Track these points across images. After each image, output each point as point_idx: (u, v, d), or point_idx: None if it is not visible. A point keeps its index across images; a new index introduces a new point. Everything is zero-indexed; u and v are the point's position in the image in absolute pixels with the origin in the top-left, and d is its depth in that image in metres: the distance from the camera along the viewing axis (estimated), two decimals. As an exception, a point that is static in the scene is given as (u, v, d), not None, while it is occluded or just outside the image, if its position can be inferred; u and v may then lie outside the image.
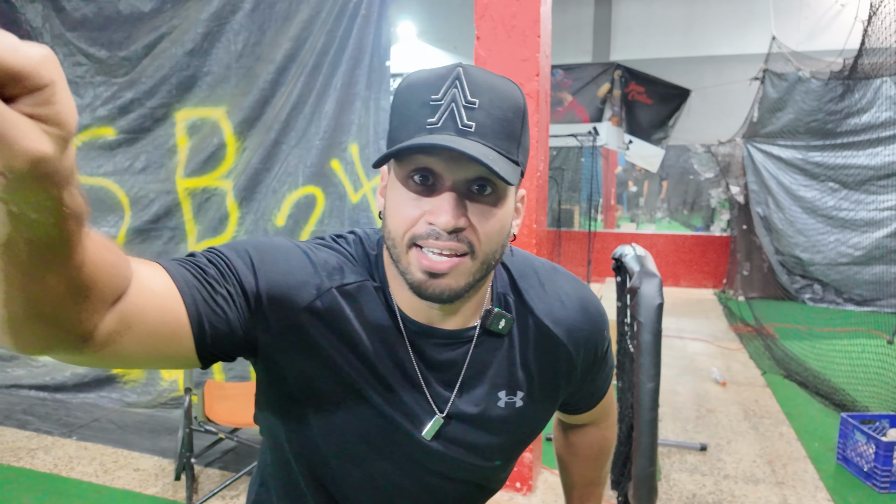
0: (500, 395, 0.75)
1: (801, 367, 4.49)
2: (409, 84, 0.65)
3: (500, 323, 0.74)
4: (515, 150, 0.64)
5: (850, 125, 6.29)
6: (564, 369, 0.79)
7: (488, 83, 0.62)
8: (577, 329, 0.79)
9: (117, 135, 3.44)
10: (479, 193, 0.63)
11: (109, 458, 3.02)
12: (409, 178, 0.64)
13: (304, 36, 2.97)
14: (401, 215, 0.64)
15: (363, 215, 3.01)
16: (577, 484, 1.04)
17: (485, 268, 0.66)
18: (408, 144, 0.60)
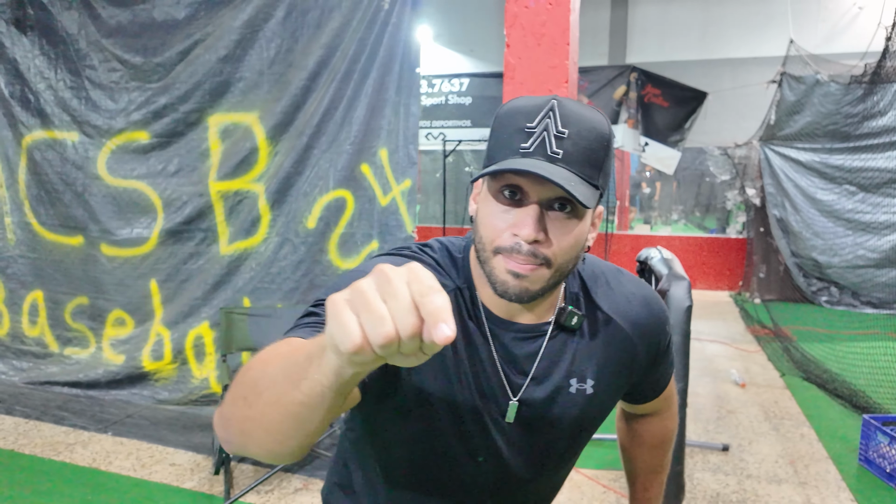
0: (572, 382, 0.83)
1: (820, 370, 4.51)
2: (509, 110, 0.74)
3: (573, 320, 0.82)
4: (597, 175, 0.72)
5: (869, 128, 6.29)
6: (630, 360, 0.87)
7: (578, 115, 0.71)
8: (641, 323, 0.86)
9: (151, 139, 3.54)
10: (559, 210, 0.72)
11: (145, 453, 3.12)
12: (500, 192, 0.72)
13: (336, 43, 3.05)
14: (490, 225, 0.73)
15: (392, 218, 3.08)
16: (640, 472, 1.10)
17: (558, 275, 0.74)
18: (501, 168, 0.68)
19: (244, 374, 0.60)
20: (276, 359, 0.57)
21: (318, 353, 0.48)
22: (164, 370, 3.65)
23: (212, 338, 3.52)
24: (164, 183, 3.52)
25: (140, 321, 3.71)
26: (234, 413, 0.58)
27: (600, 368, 0.85)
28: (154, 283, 3.64)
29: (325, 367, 0.47)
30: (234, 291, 3.41)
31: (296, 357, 0.52)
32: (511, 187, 0.71)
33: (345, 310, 0.42)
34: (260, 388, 0.55)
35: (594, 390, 0.84)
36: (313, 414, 0.51)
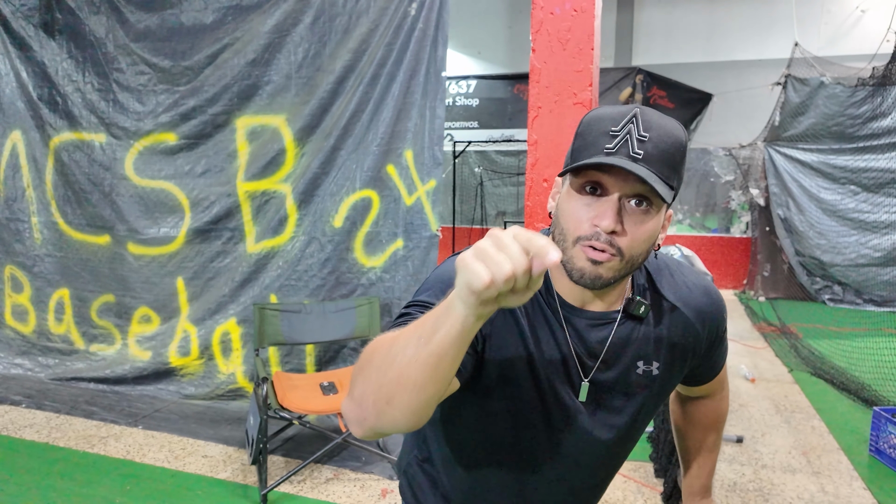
0: (639, 364, 0.91)
1: (827, 365, 4.62)
2: (596, 115, 0.82)
3: (640, 309, 0.90)
4: (673, 176, 0.79)
5: (872, 129, 6.41)
6: (692, 344, 0.95)
7: (658, 123, 0.79)
8: (702, 310, 0.95)
9: (178, 140, 3.63)
10: (636, 206, 0.79)
11: (177, 445, 3.20)
12: (583, 187, 0.80)
13: (363, 48, 3.14)
14: (573, 216, 0.80)
15: (417, 217, 3.18)
16: (693, 450, 1.18)
17: (629, 266, 0.81)
18: (586, 162, 0.77)
19: (370, 359, 0.68)
20: (399, 335, 0.66)
21: (444, 312, 0.60)
22: (190, 366, 3.74)
23: (239, 334, 3.61)
24: (192, 183, 3.61)
25: (166, 318, 3.80)
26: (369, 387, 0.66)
27: (666, 352, 0.92)
28: (181, 281, 3.72)
29: (452, 319, 0.59)
30: (262, 289, 3.50)
31: (422, 323, 0.63)
32: (593, 183, 0.79)
33: (473, 260, 0.55)
34: (393, 356, 0.64)
35: (659, 372, 0.92)
36: (444, 362, 0.61)
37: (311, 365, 3.52)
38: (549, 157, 2.71)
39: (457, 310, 0.58)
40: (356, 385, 0.68)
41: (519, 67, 8.63)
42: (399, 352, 0.63)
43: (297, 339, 3.11)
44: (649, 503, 2.62)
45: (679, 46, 8.02)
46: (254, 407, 2.76)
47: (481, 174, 8.76)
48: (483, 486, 0.99)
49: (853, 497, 2.74)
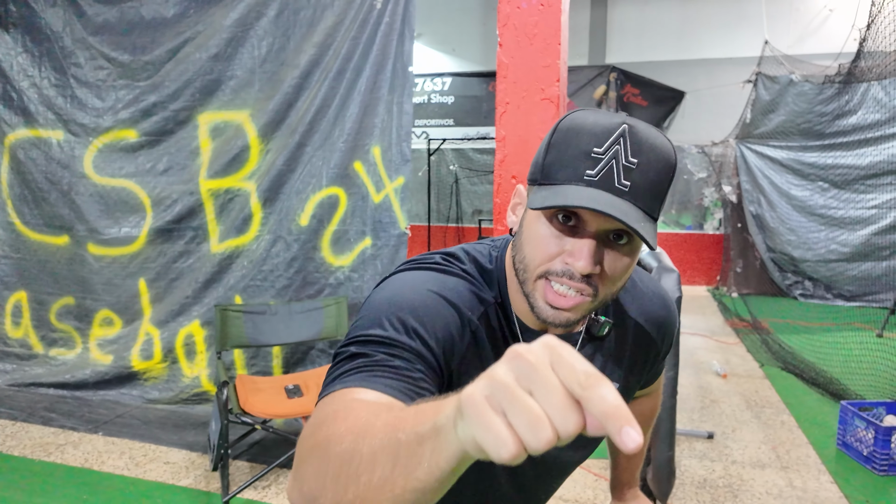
0: None
1: (797, 360, 4.67)
2: (574, 126, 0.68)
3: (604, 329, 0.83)
4: (659, 208, 0.68)
5: (839, 126, 6.52)
6: (652, 357, 0.92)
7: (649, 144, 0.66)
8: (662, 322, 0.90)
9: (139, 137, 3.52)
10: (615, 241, 0.68)
11: (138, 452, 3.10)
12: (555, 216, 0.68)
13: (329, 42, 3.07)
14: (541, 248, 0.68)
15: (385, 215, 3.12)
16: None
17: (600, 305, 0.72)
18: (567, 204, 0.64)
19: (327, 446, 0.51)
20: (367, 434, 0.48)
21: (431, 436, 0.42)
22: (153, 369, 3.64)
23: (203, 336, 3.52)
24: (154, 181, 3.51)
25: (128, 321, 3.69)
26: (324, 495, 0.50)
27: (627, 369, 0.87)
28: (143, 283, 3.62)
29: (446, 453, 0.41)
30: (226, 289, 3.41)
31: (400, 437, 0.45)
32: (567, 213, 0.67)
33: (488, 411, 0.36)
34: (355, 469, 0.47)
35: (620, 389, 0.86)
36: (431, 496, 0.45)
37: (278, 367, 3.44)
38: (518, 154, 2.67)
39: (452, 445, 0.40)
40: (306, 477, 0.52)
41: (494, 65, 8.61)
42: (366, 468, 0.46)
43: (261, 341, 3.03)
44: (619, 502, 2.60)
45: (652, 44, 8.07)
46: (216, 411, 2.68)
47: (457, 172, 8.72)
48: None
49: (820, 491, 2.75)
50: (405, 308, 0.70)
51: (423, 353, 0.67)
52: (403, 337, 0.67)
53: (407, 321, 0.68)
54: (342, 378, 0.63)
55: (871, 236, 6.64)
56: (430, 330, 0.69)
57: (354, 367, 0.64)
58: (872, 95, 6.25)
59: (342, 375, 0.63)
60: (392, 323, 0.68)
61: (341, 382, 0.62)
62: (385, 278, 0.79)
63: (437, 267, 0.78)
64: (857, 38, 6.57)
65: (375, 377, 0.62)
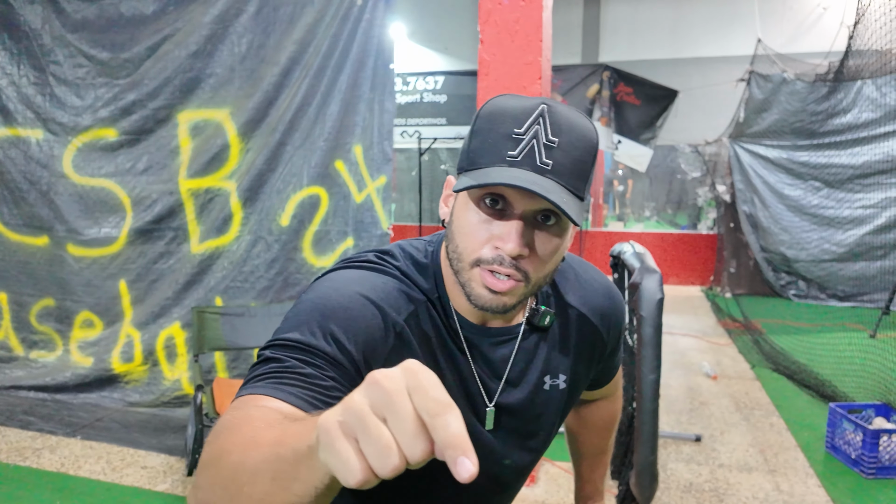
0: (546, 379, 0.83)
1: (789, 361, 4.63)
2: (495, 111, 0.69)
3: (545, 319, 0.81)
4: (584, 187, 0.68)
5: (833, 125, 6.47)
6: (598, 350, 0.89)
7: (569, 124, 0.67)
8: (607, 313, 0.88)
9: (119, 136, 3.46)
10: (543, 222, 0.68)
11: (116, 456, 3.05)
12: (482, 200, 0.68)
13: (309, 39, 3.02)
14: (471, 236, 0.69)
15: (367, 214, 3.07)
16: (586, 454, 1.13)
17: (535, 288, 0.72)
18: (490, 182, 0.64)
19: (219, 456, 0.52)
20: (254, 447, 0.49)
21: (307, 455, 0.42)
22: (134, 372, 3.58)
23: (183, 338, 3.46)
24: (133, 181, 3.45)
25: (109, 322, 3.63)
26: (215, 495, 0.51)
27: (572, 363, 0.85)
28: (123, 284, 3.56)
29: (319, 473, 0.41)
30: (206, 291, 3.36)
31: (280, 452, 0.45)
32: (494, 196, 0.67)
33: (339, 438, 0.37)
34: (240, 480, 0.48)
35: (566, 385, 0.85)
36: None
37: (261, 369, 3.39)
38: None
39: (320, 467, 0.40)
40: (202, 485, 0.53)
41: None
42: (247, 480, 0.47)
43: (240, 344, 2.98)
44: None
45: (645, 43, 8.02)
46: (192, 415, 2.63)
47: (449, 171, 8.67)
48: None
49: (808, 495, 2.70)
50: (327, 311, 0.68)
51: (340, 358, 0.65)
52: (321, 342, 0.65)
53: (326, 325, 0.67)
54: (252, 383, 0.62)
55: (864, 236, 6.59)
56: (350, 334, 0.67)
57: (265, 374, 0.62)
58: (866, 94, 6.21)
59: (253, 380, 0.62)
60: (311, 327, 0.66)
61: (251, 388, 0.61)
62: (318, 277, 0.76)
63: (370, 266, 0.77)
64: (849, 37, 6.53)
65: (282, 385, 0.60)
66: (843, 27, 4.66)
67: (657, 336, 2.36)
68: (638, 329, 2.40)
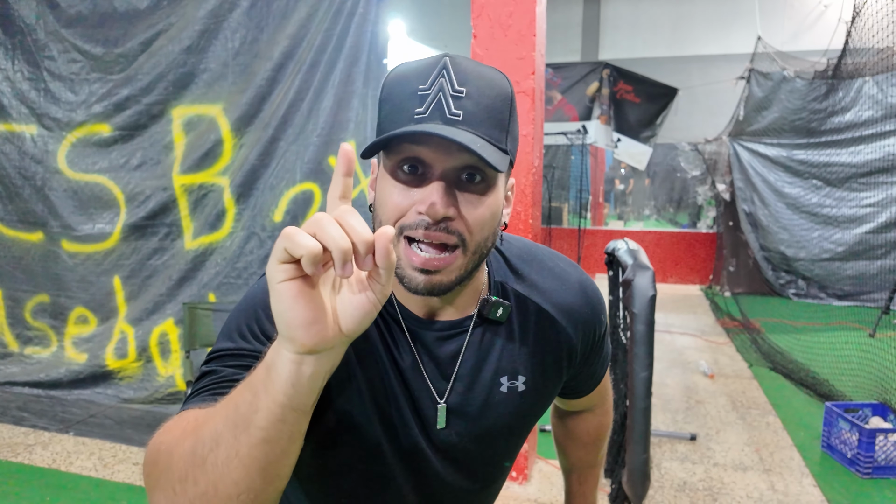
0: (503, 380, 0.76)
1: (787, 360, 4.60)
2: (397, 75, 0.66)
3: (498, 311, 0.74)
4: (504, 138, 0.64)
5: (833, 124, 6.43)
6: (566, 352, 0.80)
7: (476, 72, 0.63)
8: (576, 312, 0.79)
9: (113, 131, 3.45)
10: (468, 182, 0.63)
11: (108, 452, 3.04)
12: (398, 168, 0.63)
13: (302, 34, 3.00)
14: (390, 205, 0.63)
15: (361, 211, 3.03)
16: (575, 467, 1.07)
17: (476, 258, 0.66)
18: (394, 133, 0.60)
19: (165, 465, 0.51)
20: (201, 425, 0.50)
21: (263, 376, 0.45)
22: (128, 368, 3.57)
23: (177, 335, 3.45)
24: (127, 177, 3.44)
25: (103, 319, 3.62)
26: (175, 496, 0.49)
27: (533, 363, 0.77)
28: (117, 280, 3.55)
29: (277, 384, 0.43)
30: (200, 287, 3.35)
31: (237, 400, 0.47)
32: (411, 161, 0.62)
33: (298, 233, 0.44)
34: (202, 455, 0.48)
35: (526, 387, 0.77)
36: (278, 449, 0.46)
37: (255, 366, 3.38)
38: (492, 148, 2.60)
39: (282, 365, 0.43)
40: (158, 499, 0.52)
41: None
42: (208, 451, 0.47)
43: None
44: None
45: (645, 41, 8.00)
46: (182, 412, 2.62)
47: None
48: None
49: (802, 495, 2.68)
50: (257, 310, 0.67)
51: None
52: (252, 343, 0.65)
53: (255, 325, 0.66)
54: (190, 400, 0.61)
55: (865, 235, 6.56)
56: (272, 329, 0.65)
57: (202, 388, 0.62)
58: (866, 92, 6.17)
59: (191, 397, 0.62)
60: (241, 331, 0.66)
61: (189, 404, 0.61)
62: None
63: None
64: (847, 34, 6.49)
65: (220, 394, 0.58)
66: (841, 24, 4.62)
67: (649, 333, 2.34)
68: (630, 326, 2.38)
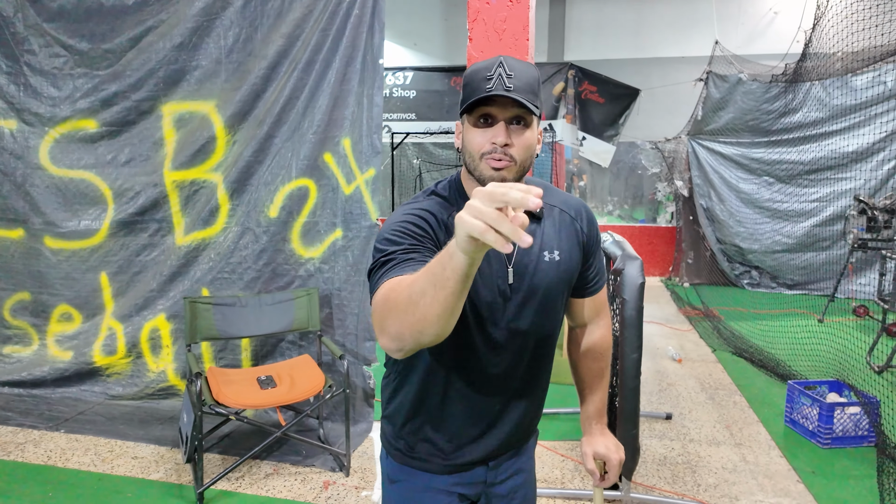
0: (545, 254, 1.16)
1: (747, 345, 4.92)
2: (473, 69, 1.07)
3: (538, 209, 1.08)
4: (536, 100, 1.04)
5: (784, 124, 6.86)
6: (579, 235, 1.22)
7: (518, 65, 1.04)
8: (580, 210, 1.23)
9: (99, 127, 3.43)
10: (517, 125, 1.03)
11: (104, 448, 3.05)
12: (478, 120, 1.04)
13: (297, 34, 3.07)
14: (476, 141, 1.04)
15: (356, 206, 3.14)
16: (586, 377, 1.38)
17: (522, 169, 1.06)
18: (476, 97, 1.00)
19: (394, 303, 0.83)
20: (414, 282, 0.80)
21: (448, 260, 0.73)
22: (117, 365, 3.56)
23: (169, 330, 3.47)
24: (115, 173, 3.43)
25: (89, 315, 3.60)
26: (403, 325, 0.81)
27: (561, 241, 1.18)
28: (104, 276, 3.54)
29: (456, 265, 0.72)
30: (193, 282, 3.38)
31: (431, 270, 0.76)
32: (484, 115, 1.03)
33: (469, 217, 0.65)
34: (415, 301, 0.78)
35: (560, 258, 1.17)
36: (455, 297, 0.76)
37: (248, 360, 3.43)
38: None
39: (458, 257, 0.71)
40: (389, 325, 0.84)
41: (455, 60, 8.67)
42: (418, 298, 0.78)
43: (231, 334, 3.02)
44: (586, 480, 2.71)
45: (608, 43, 8.28)
46: (187, 404, 2.66)
47: (420, 166, 8.76)
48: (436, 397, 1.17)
49: (771, 464, 2.93)
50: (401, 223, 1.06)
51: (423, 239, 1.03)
52: (408, 239, 1.02)
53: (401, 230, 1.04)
54: (384, 275, 0.94)
55: (812, 228, 7.02)
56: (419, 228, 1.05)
57: (388, 268, 0.95)
58: (814, 94, 6.60)
59: (383, 275, 0.95)
60: (398, 235, 1.03)
61: (385, 277, 0.93)
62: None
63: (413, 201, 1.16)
64: (800, 41, 6.91)
65: (405, 267, 0.94)
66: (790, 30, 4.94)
67: (639, 318, 2.54)
68: (621, 311, 2.56)
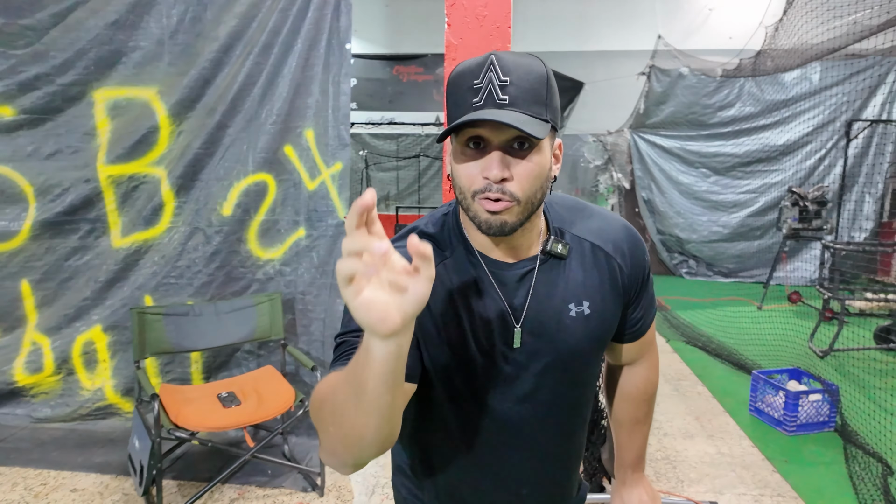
0: (571, 306, 0.91)
1: (697, 333, 5.04)
2: (457, 74, 0.82)
3: (558, 247, 0.90)
4: (544, 111, 0.79)
5: (720, 118, 7.11)
6: (619, 279, 0.95)
7: (516, 63, 0.78)
8: (620, 242, 0.95)
9: (17, 115, 3.01)
10: (518, 149, 0.79)
11: (34, 481, 2.68)
12: (466, 145, 0.81)
13: (253, 13, 2.79)
14: (465, 175, 0.81)
15: (321, 203, 2.91)
16: (624, 423, 1.15)
17: (530, 207, 0.82)
18: (458, 122, 0.76)
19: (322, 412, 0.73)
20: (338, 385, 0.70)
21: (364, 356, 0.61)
22: (44, 383, 3.16)
23: (106, 343, 3.10)
24: (38, 167, 3.02)
25: (8, 329, 3.17)
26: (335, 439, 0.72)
27: (594, 290, 0.93)
28: (26, 284, 3.12)
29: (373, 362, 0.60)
30: (134, 289, 3.03)
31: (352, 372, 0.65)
32: (473, 139, 0.80)
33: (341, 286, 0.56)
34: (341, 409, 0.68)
35: (591, 311, 0.92)
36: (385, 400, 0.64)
37: (198, 373, 3.13)
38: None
39: (374, 350, 0.60)
40: (323, 439, 0.74)
41: (398, 48, 8.43)
42: (342, 404, 0.68)
43: (186, 346, 2.72)
44: (573, 484, 2.64)
45: (554, 35, 8.30)
46: (139, 429, 2.37)
47: (367, 157, 8.47)
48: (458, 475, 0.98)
49: (745, 455, 2.97)
50: None
51: None
52: None
53: None
54: (333, 365, 0.81)
55: (746, 218, 7.33)
56: None
57: (341, 353, 0.81)
58: (748, 90, 6.87)
59: (334, 362, 0.82)
60: None
61: (335, 365, 0.80)
62: None
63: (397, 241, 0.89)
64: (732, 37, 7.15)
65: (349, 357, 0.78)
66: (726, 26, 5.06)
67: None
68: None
